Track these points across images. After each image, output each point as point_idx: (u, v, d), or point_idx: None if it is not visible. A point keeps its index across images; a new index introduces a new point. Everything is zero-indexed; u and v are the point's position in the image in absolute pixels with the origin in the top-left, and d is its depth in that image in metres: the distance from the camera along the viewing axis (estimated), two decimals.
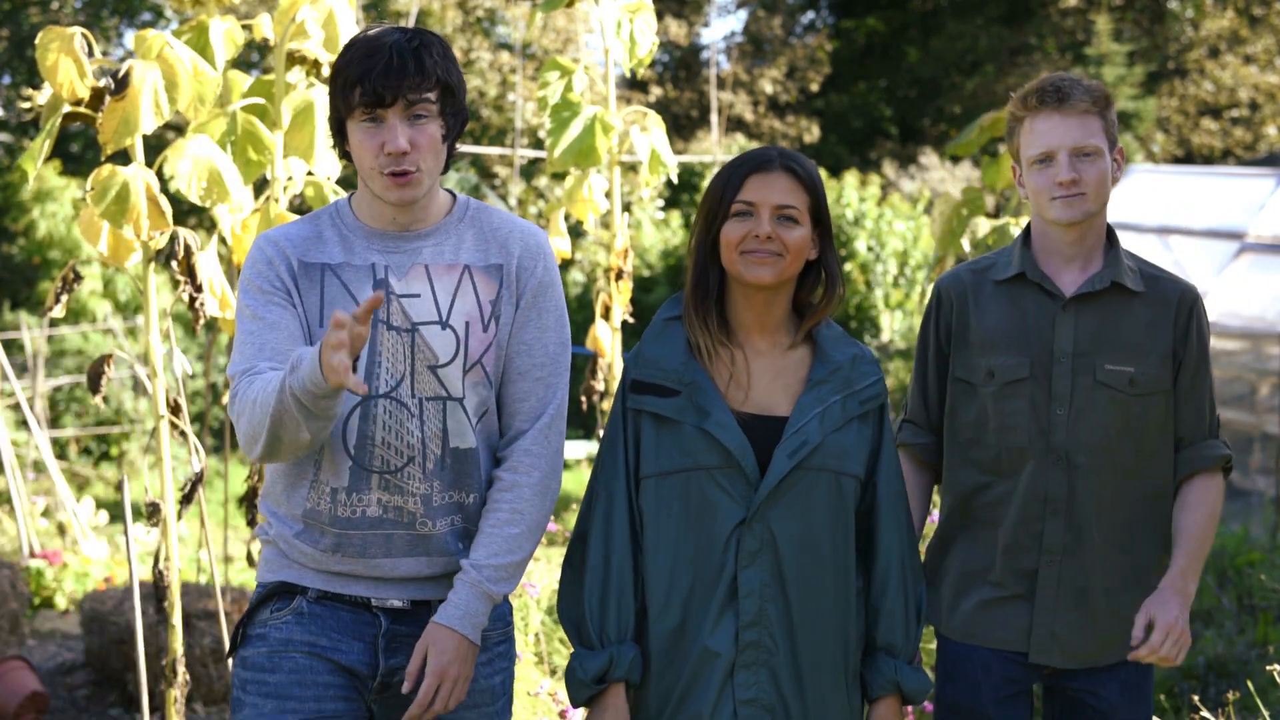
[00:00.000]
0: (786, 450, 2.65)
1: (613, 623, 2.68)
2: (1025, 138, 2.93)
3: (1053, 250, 2.96)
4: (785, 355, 2.75)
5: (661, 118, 4.41)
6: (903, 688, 2.73)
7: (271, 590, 2.66)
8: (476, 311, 2.65)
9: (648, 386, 2.71)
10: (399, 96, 2.53)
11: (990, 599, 2.97)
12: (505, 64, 21.23)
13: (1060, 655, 2.94)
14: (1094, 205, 2.90)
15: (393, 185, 2.58)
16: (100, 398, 3.84)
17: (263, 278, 2.62)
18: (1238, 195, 12.65)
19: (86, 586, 7.73)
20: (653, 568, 2.69)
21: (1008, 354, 2.94)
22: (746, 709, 2.63)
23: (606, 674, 2.66)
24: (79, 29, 3.56)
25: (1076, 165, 2.87)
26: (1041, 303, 2.94)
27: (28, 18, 21.66)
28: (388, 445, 2.60)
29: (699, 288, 2.74)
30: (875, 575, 2.75)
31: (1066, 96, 2.87)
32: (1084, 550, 2.92)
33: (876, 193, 17.26)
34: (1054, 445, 2.91)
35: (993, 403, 2.94)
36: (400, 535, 2.61)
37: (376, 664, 2.64)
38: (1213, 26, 25.79)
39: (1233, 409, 11.22)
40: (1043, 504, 2.91)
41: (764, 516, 2.65)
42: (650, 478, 2.69)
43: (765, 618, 2.64)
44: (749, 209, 2.68)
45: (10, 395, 12.10)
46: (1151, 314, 2.94)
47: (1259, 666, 5.44)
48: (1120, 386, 2.90)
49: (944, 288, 3.04)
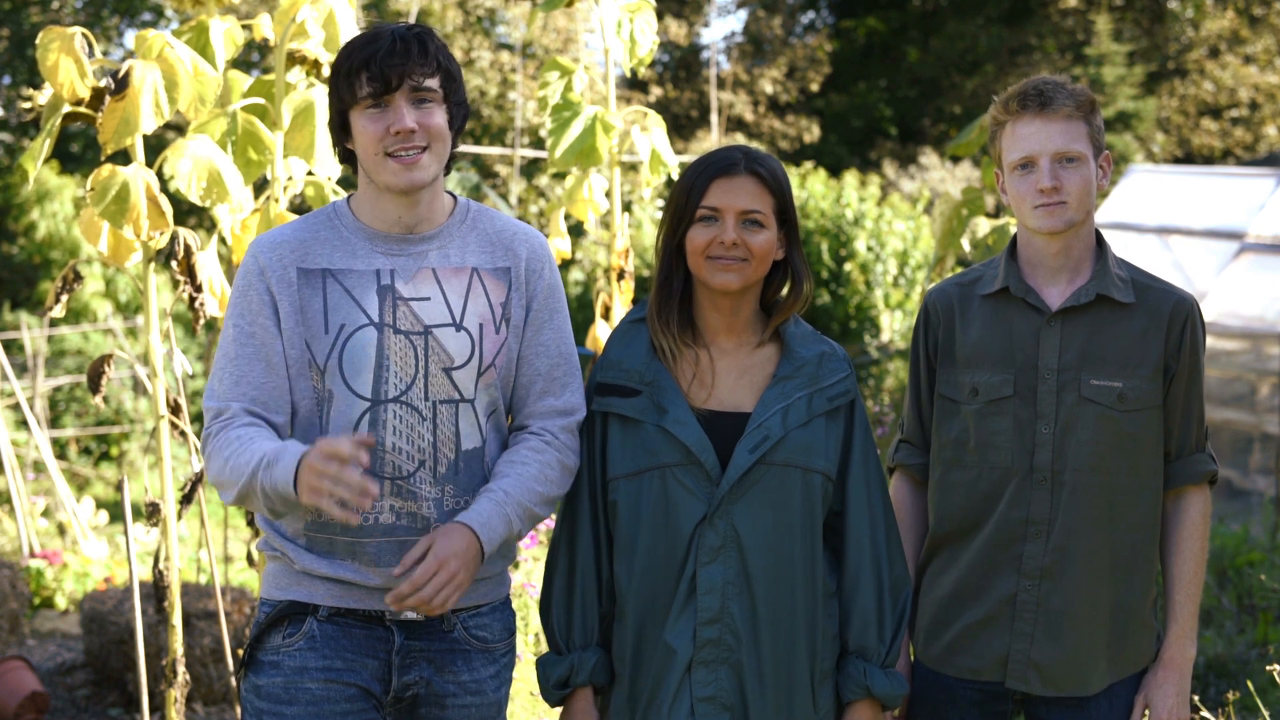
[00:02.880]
0: (748, 445, 2.65)
1: (577, 628, 2.71)
2: (1007, 142, 2.83)
3: (1038, 261, 2.86)
4: (752, 353, 2.75)
5: (662, 118, 4.41)
6: (873, 692, 2.70)
7: (282, 612, 2.63)
8: (489, 314, 2.65)
9: (611, 388, 2.72)
10: (405, 78, 2.53)
11: (968, 624, 2.88)
12: (505, 64, 21.22)
13: (1040, 682, 2.84)
14: (1076, 214, 2.79)
15: (400, 168, 2.56)
16: (100, 398, 3.84)
17: (253, 290, 2.60)
18: (1238, 195, 12.65)
19: (86, 586, 7.73)
20: (621, 569, 2.71)
21: (992, 371, 2.85)
22: (704, 706, 2.63)
23: (569, 679, 2.70)
24: (79, 29, 3.56)
25: (1058, 172, 2.77)
26: (1027, 317, 2.85)
27: (28, 17, 21.64)
28: (399, 450, 2.58)
29: (663, 290, 2.74)
30: (846, 576, 2.72)
31: (1050, 101, 2.78)
32: (1067, 575, 2.81)
33: (876, 193, 17.24)
34: (1038, 465, 2.81)
35: (975, 421, 2.85)
36: (414, 542, 2.59)
37: (390, 680, 2.63)
38: (1213, 26, 25.77)
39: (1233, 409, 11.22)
40: (1024, 525, 2.82)
41: (726, 513, 2.65)
42: (618, 479, 2.70)
43: (728, 615, 2.64)
44: (714, 214, 2.67)
45: (10, 395, 12.10)
46: (1143, 326, 2.82)
47: (1259, 666, 5.44)
48: (1108, 403, 2.79)
49: (931, 302, 2.97)
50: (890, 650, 2.72)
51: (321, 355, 2.57)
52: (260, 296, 2.59)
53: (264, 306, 2.59)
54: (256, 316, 2.59)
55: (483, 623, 2.70)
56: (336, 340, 2.57)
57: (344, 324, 2.57)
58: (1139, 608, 2.85)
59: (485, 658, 2.69)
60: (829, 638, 2.72)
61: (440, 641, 2.65)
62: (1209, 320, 11.54)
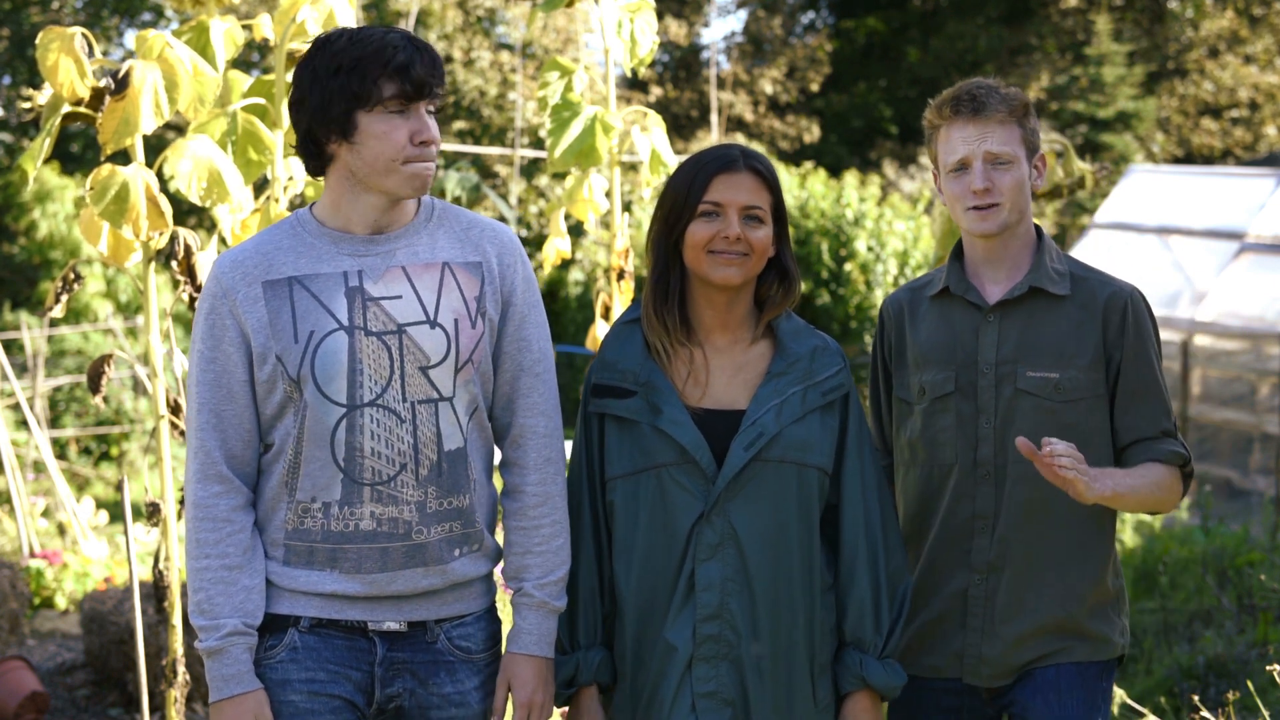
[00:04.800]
0: (743, 443, 2.66)
1: (581, 628, 2.73)
2: (942, 146, 2.89)
3: (979, 260, 2.91)
4: (746, 351, 2.76)
5: (662, 118, 4.40)
6: (869, 683, 2.72)
7: (263, 624, 2.60)
8: (464, 308, 2.62)
9: (607, 389, 2.74)
10: (435, 88, 2.55)
11: (926, 621, 2.90)
12: (505, 64, 21.22)
13: (990, 675, 2.87)
14: (1010, 215, 2.84)
15: (418, 171, 2.56)
16: (100, 398, 3.84)
17: (215, 314, 2.58)
18: (1238, 195, 12.66)
19: (86, 586, 7.73)
20: (620, 568, 2.72)
21: (936, 369, 2.89)
22: (705, 702, 2.65)
23: (574, 679, 2.72)
24: (79, 29, 3.56)
25: (991, 174, 2.82)
26: (967, 314, 2.90)
27: (28, 17, 21.65)
28: (378, 455, 2.56)
29: (659, 288, 2.75)
30: (841, 568, 2.74)
31: (982, 106, 2.83)
32: (1011, 568, 2.84)
33: (876, 193, 17.24)
34: (981, 459, 2.84)
35: (923, 419, 2.90)
36: (396, 548, 2.57)
37: (373, 692, 2.61)
38: (1213, 26, 25.77)
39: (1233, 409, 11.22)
40: (971, 521, 2.85)
41: (723, 510, 2.66)
42: (616, 480, 2.72)
43: (727, 611, 2.65)
44: (716, 209, 2.68)
45: (10, 395, 12.10)
46: (1078, 317, 2.85)
47: (1259, 666, 5.44)
48: (1044, 394, 2.82)
49: (885, 308, 3.03)
50: (888, 642, 2.73)
51: (294, 365, 2.54)
52: (222, 320, 2.58)
53: (225, 331, 2.57)
54: (219, 343, 2.57)
55: (466, 633, 2.68)
56: (307, 348, 2.54)
57: (313, 331, 2.54)
58: (1090, 596, 2.85)
59: (469, 668, 2.67)
60: (827, 630, 2.73)
61: (424, 653, 2.63)
62: (1209, 320, 11.54)
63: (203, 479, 2.57)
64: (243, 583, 2.56)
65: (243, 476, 2.60)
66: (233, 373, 2.57)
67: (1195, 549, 7.37)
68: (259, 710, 2.54)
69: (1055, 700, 2.84)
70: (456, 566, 2.63)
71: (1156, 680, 5.52)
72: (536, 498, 2.69)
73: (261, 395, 2.58)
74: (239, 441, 2.59)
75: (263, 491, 2.61)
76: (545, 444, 2.71)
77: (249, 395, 2.58)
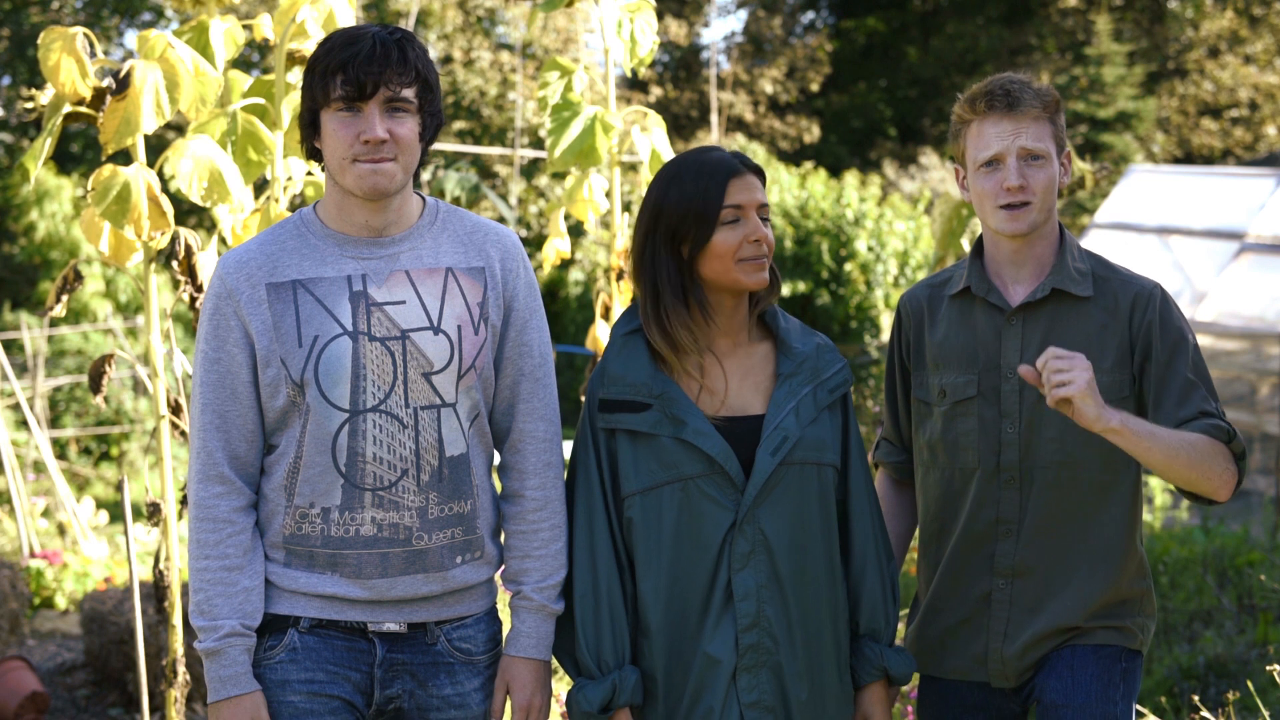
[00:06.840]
0: (769, 448, 2.64)
1: (609, 649, 2.66)
2: (972, 141, 2.82)
3: (1003, 260, 2.86)
4: (749, 353, 2.75)
5: (662, 118, 4.41)
6: (890, 671, 2.73)
7: (262, 624, 2.59)
8: (467, 315, 2.60)
9: (618, 404, 2.68)
10: (380, 86, 2.49)
11: (949, 624, 2.89)
12: (505, 64, 21.22)
13: (1011, 674, 2.85)
14: (1040, 215, 2.79)
15: (365, 173, 2.51)
16: (101, 398, 3.84)
17: (220, 314, 2.57)
18: (1238, 195, 12.67)
19: (86, 586, 7.73)
20: (646, 584, 2.67)
21: (957, 371, 2.85)
22: (752, 712, 2.63)
23: (611, 702, 2.64)
24: (81, 29, 3.56)
25: (1025, 170, 2.77)
26: (989, 316, 2.85)
27: (28, 17, 21.66)
28: (380, 460, 2.55)
29: (676, 300, 2.68)
30: (853, 561, 2.74)
31: (1017, 101, 2.77)
32: (1038, 573, 2.81)
33: (876, 193, 17.25)
34: (1005, 464, 2.80)
35: (944, 422, 2.86)
36: (396, 553, 2.57)
37: (373, 693, 2.61)
38: (1213, 26, 25.78)
39: (1233, 409, 11.22)
40: (994, 525, 2.82)
41: (753, 518, 2.64)
42: (633, 495, 2.67)
43: (764, 619, 2.64)
44: (739, 214, 2.66)
45: (10, 395, 12.11)
46: (1101, 319, 2.80)
47: (1259, 666, 5.44)
48: None
49: (903, 304, 2.98)
50: (893, 630, 2.76)
51: (297, 370, 2.53)
52: (226, 321, 2.57)
53: (229, 332, 2.56)
54: (223, 343, 2.57)
55: (467, 635, 2.67)
56: (311, 353, 2.53)
57: (317, 335, 2.53)
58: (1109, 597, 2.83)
59: (469, 670, 2.67)
60: (844, 624, 2.74)
61: (423, 654, 2.63)
62: (1209, 320, 11.54)
63: (204, 479, 2.57)
64: (242, 584, 2.56)
65: (245, 477, 2.60)
66: (237, 373, 2.57)
67: (1195, 549, 7.36)
68: (256, 712, 2.54)
69: (1069, 676, 2.80)
70: (457, 574, 2.62)
71: (1156, 680, 5.51)
72: (536, 502, 2.69)
73: (266, 397, 2.57)
74: (242, 442, 2.58)
75: (264, 491, 2.61)
76: (545, 449, 2.70)
77: (253, 396, 2.57)
